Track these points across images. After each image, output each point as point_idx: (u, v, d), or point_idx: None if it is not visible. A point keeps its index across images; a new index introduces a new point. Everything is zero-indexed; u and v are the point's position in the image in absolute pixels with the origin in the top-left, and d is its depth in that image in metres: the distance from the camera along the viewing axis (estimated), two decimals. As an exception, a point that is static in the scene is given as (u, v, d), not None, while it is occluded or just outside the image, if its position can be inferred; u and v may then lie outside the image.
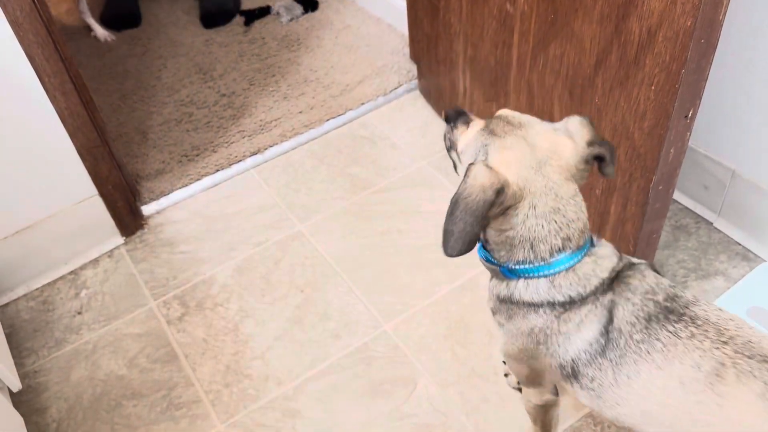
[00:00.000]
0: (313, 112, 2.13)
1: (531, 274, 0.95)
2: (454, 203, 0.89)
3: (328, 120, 2.10)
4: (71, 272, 1.77)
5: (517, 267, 0.96)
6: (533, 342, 1.00)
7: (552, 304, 0.95)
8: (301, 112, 2.14)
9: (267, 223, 1.84)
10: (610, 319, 0.94)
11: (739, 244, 1.63)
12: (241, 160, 2.00)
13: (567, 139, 0.93)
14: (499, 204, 0.89)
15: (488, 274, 1.04)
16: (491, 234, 0.96)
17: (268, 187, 1.94)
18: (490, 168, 0.89)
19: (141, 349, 1.58)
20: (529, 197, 0.90)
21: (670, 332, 0.90)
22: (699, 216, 1.70)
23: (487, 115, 1.01)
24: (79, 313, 1.67)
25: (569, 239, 0.93)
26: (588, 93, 1.32)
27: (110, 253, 1.81)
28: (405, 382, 1.46)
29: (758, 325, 1.41)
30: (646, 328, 0.91)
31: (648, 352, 0.90)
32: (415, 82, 2.19)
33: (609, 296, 0.94)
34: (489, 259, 0.99)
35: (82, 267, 1.78)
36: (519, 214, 0.91)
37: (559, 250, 0.93)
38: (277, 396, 1.46)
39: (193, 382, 1.50)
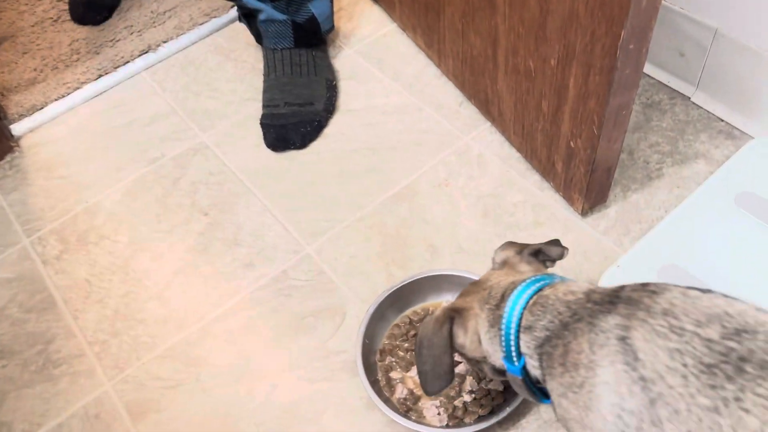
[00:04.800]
0: (215, -1, 1.78)
1: None
2: None
3: (233, 6, 1.74)
4: (-74, 211, 1.46)
5: None
6: None
7: None
8: None
9: (162, 135, 1.52)
10: None
11: (722, 120, 1.38)
12: (129, 62, 1.66)
13: None
14: None
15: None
16: None
17: (163, 91, 1.61)
18: None
19: (12, 296, 1.30)
20: None
21: None
22: (674, 90, 1.44)
23: None
24: (-64, 259, 1.37)
25: None
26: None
27: (-26, 185, 1.49)
28: (332, 313, 1.21)
29: (748, 213, 1.18)
30: None
31: None
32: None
33: None
34: None
35: (-60, 203, 1.47)
36: None
37: None
38: (177, 342, 1.20)
39: (74, 332, 1.23)
